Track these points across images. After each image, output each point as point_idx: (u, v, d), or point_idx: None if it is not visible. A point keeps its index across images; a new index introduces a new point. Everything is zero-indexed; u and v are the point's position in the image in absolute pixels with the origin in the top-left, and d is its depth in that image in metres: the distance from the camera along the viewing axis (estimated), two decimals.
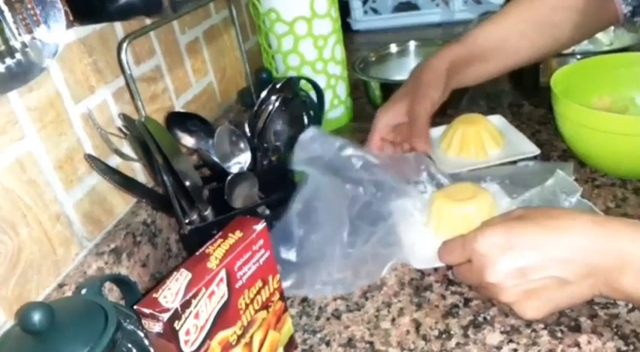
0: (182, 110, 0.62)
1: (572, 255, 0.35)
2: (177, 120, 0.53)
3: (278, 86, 0.55)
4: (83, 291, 0.37)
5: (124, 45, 0.44)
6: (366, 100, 0.78)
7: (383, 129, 0.57)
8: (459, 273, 0.43)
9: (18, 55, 0.38)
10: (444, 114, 0.71)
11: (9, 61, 0.37)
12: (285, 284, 0.45)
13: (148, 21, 0.48)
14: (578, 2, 0.56)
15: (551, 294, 0.37)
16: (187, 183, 0.44)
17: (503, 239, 0.37)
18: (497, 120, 0.65)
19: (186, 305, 0.31)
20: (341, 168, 0.50)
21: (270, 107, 0.53)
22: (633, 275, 0.34)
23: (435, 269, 0.47)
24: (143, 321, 0.31)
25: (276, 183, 0.51)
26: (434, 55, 0.58)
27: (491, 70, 0.59)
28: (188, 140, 0.53)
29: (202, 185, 0.46)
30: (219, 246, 0.34)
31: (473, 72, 0.58)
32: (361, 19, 1.17)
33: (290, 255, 0.47)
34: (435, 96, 0.55)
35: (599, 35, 0.72)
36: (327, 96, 0.71)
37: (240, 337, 0.35)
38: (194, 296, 0.31)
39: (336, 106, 0.75)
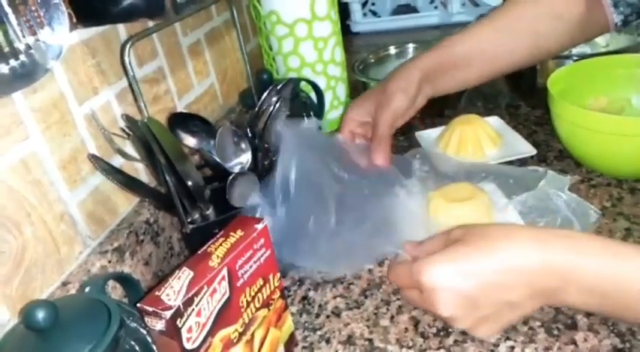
0: (184, 111, 0.62)
1: (514, 280, 0.35)
2: (180, 120, 0.54)
3: (279, 87, 0.56)
4: (87, 289, 0.37)
5: (127, 47, 0.44)
6: None
7: (351, 122, 0.57)
8: (407, 297, 0.42)
9: (22, 57, 0.38)
10: (442, 115, 0.72)
11: (13, 63, 0.38)
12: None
13: (150, 23, 0.49)
14: (564, 11, 0.54)
15: (501, 317, 0.37)
16: (189, 183, 0.44)
17: (450, 269, 0.36)
18: (494, 121, 0.66)
19: (188, 303, 0.31)
20: (330, 156, 0.50)
21: (271, 108, 0.53)
22: (576, 292, 0.34)
23: None
24: (146, 319, 0.31)
25: None
26: (409, 61, 0.57)
27: (468, 77, 0.58)
28: (190, 140, 0.54)
29: (204, 185, 0.46)
30: (220, 244, 0.35)
31: (449, 79, 0.57)
32: (360, 22, 1.18)
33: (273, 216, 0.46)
34: (399, 107, 0.54)
35: None
36: (327, 98, 0.72)
37: (241, 334, 0.36)
38: (196, 294, 0.32)
39: (336, 107, 0.75)
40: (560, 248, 0.35)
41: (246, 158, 0.54)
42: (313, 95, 0.67)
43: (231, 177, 0.48)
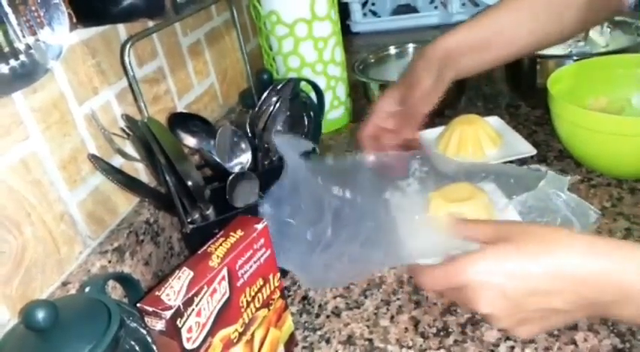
0: (184, 111, 0.62)
1: (563, 287, 0.33)
2: (180, 120, 0.54)
3: (279, 87, 0.56)
4: (87, 289, 0.37)
5: (127, 47, 0.44)
6: (366, 101, 0.78)
7: (379, 114, 0.58)
8: (449, 296, 0.40)
9: (22, 57, 0.38)
10: (442, 114, 0.72)
11: (13, 63, 0.38)
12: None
13: (150, 23, 0.49)
14: None
15: (544, 321, 0.35)
16: (189, 183, 0.44)
17: (494, 267, 0.34)
18: (494, 121, 0.66)
19: (188, 303, 0.31)
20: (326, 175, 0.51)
21: (271, 108, 0.54)
22: (635, 308, 0.32)
23: None
24: (146, 319, 0.31)
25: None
26: (430, 43, 0.58)
27: (489, 59, 0.58)
28: (190, 140, 0.54)
29: (204, 185, 0.46)
30: (220, 244, 0.35)
31: (470, 61, 0.57)
32: (360, 22, 1.18)
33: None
34: (426, 83, 0.55)
35: (596, 37, 0.73)
36: (327, 98, 0.72)
37: (241, 334, 0.36)
38: (196, 294, 0.32)
39: (336, 107, 0.75)
40: (619, 258, 0.32)
41: (246, 158, 0.54)
42: (313, 95, 0.67)
43: (231, 177, 0.48)
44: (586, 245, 0.33)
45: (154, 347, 0.34)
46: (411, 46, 0.85)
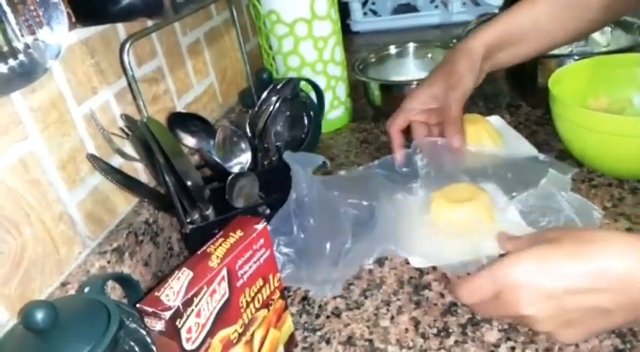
0: (183, 111, 0.62)
1: (607, 286, 0.32)
2: (179, 120, 0.54)
3: (278, 87, 0.56)
4: (86, 290, 0.37)
5: (126, 46, 0.44)
6: (366, 101, 0.78)
7: (411, 111, 0.57)
8: (485, 310, 0.39)
9: (21, 56, 0.38)
10: None
11: (12, 62, 0.37)
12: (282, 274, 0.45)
13: (149, 23, 0.48)
14: None
15: (589, 322, 0.34)
16: (189, 183, 0.44)
17: (535, 267, 0.34)
18: (495, 120, 0.66)
19: (187, 303, 0.31)
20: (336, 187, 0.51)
21: (271, 108, 0.53)
22: None
23: (434, 268, 0.47)
24: (145, 319, 0.31)
25: (277, 183, 0.52)
26: (470, 38, 0.58)
27: (522, 53, 0.58)
28: (189, 140, 0.54)
29: (203, 185, 0.46)
30: (220, 245, 0.35)
31: (506, 55, 0.58)
32: (361, 21, 1.18)
33: (287, 247, 0.47)
34: (469, 85, 0.55)
35: (597, 36, 0.73)
36: (327, 97, 0.72)
37: (241, 335, 0.36)
38: (196, 294, 0.32)
39: (336, 107, 0.75)
40: None
41: (246, 158, 0.54)
42: (313, 95, 0.67)
43: (230, 177, 0.48)
44: (632, 245, 0.33)
45: (154, 348, 0.34)
46: (411, 46, 0.84)
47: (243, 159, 0.54)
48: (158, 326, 0.31)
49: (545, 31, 0.57)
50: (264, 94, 0.56)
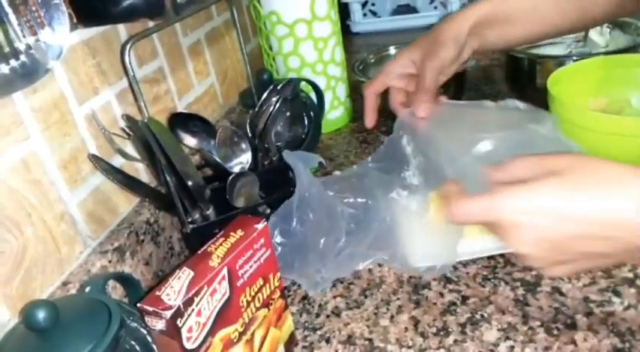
0: (184, 111, 0.62)
1: (619, 234, 0.29)
2: (180, 121, 0.54)
3: (279, 87, 0.56)
4: (87, 289, 0.37)
5: (128, 47, 0.44)
6: None
7: (390, 74, 0.56)
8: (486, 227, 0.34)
9: (22, 57, 0.38)
10: None
11: (13, 63, 0.38)
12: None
13: (150, 23, 0.49)
14: None
15: (585, 263, 0.32)
16: (189, 183, 0.44)
17: (534, 207, 0.30)
18: None
19: (188, 302, 0.31)
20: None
21: (271, 108, 0.54)
22: None
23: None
24: (146, 319, 0.31)
25: (277, 183, 0.52)
26: (461, 10, 0.55)
27: (517, 34, 0.55)
28: (190, 140, 0.54)
29: (204, 185, 0.47)
30: (220, 244, 0.35)
31: (498, 34, 0.55)
32: (360, 22, 1.18)
33: (283, 237, 0.47)
34: (447, 56, 0.52)
35: (595, 37, 0.73)
36: (327, 98, 0.72)
37: (241, 334, 0.36)
38: (196, 294, 0.32)
39: (336, 107, 0.75)
40: None
41: (246, 158, 0.54)
42: (313, 95, 0.67)
43: (231, 177, 0.48)
44: None
45: (154, 347, 0.34)
46: None
47: (243, 159, 0.54)
48: (159, 325, 0.31)
49: (543, 14, 0.54)
50: (265, 95, 0.56)
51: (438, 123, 0.51)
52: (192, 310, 0.32)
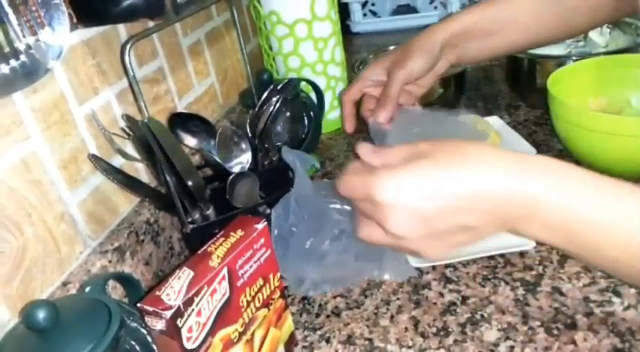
0: (184, 111, 0.62)
1: (477, 207, 0.31)
2: (180, 121, 0.54)
3: (279, 87, 0.56)
4: (87, 289, 0.37)
5: (128, 47, 0.44)
6: None
7: (365, 81, 0.56)
8: (360, 209, 0.36)
9: (22, 57, 0.38)
10: None
11: (13, 63, 0.38)
12: None
13: (150, 23, 0.49)
14: None
15: (455, 238, 0.34)
16: (189, 183, 0.44)
17: (404, 187, 0.32)
18: (494, 121, 0.66)
19: (188, 302, 0.31)
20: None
21: (271, 108, 0.54)
22: (540, 226, 0.31)
23: (433, 268, 0.47)
24: (146, 319, 0.31)
25: (277, 183, 0.52)
26: (437, 22, 0.55)
27: (497, 45, 0.56)
28: (190, 140, 0.54)
29: (204, 185, 0.47)
30: (220, 244, 0.35)
31: (478, 46, 0.55)
32: (360, 22, 1.18)
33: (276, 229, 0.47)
34: (415, 67, 0.52)
35: (595, 37, 0.73)
36: (327, 98, 0.72)
37: (241, 334, 0.36)
38: (196, 294, 0.32)
39: (336, 107, 0.75)
40: (536, 177, 0.31)
41: (246, 158, 0.54)
42: (313, 95, 0.67)
43: (231, 177, 0.48)
44: (509, 163, 0.32)
45: (154, 347, 0.34)
46: None
47: (243, 159, 0.54)
48: (159, 325, 0.31)
49: (522, 25, 0.55)
50: (265, 95, 0.56)
51: (400, 130, 0.52)
52: (192, 310, 0.32)
